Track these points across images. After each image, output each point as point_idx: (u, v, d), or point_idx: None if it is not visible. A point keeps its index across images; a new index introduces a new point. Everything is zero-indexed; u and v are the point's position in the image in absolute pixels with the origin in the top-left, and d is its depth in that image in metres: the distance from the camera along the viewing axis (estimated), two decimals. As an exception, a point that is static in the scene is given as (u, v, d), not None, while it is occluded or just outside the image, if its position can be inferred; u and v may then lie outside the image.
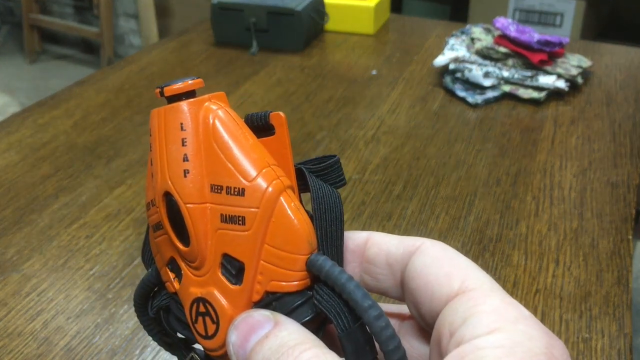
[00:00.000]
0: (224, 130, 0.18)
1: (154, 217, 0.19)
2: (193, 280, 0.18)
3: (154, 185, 0.18)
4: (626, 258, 0.49)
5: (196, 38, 0.94)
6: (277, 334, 0.16)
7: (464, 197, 0.57)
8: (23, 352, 0.41)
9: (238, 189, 0.17)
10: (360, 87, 0.78)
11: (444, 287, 0.16)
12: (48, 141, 0.66)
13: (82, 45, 2.52)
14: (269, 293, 0.17)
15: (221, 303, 0.17)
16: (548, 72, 0.75)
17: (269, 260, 0.17)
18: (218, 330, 0.17)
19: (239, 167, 0.17)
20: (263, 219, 0.17)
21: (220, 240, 0.17)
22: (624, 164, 0.62)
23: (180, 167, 0.17)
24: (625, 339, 0.42)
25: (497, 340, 0.14)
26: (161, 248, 0.19)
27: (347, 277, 0.16)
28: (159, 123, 0.18)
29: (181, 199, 0.17)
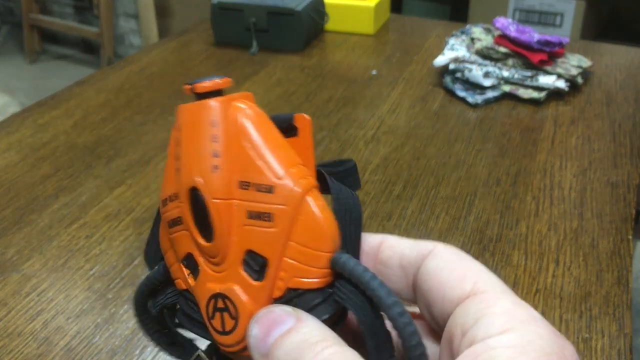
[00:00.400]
0: (253, 129, 0.18)
1: (173, 212, 0.19)
2: (211, 276, 0.18)
3: (179, 179, 0.18)
4: (626, 258, 0.49)
5: (196, 38, 0.94)
6: (299, 330, 0.16)
7: (464, 197, 0.57)
8: (23, 352, 0.41)
9: (267, 186, 0.17)
10: (360, 87, 0.78)
11: (456, 289, 0.17)
12: (48, 141, 0.66)
13: (82, 45, 2.52)
14: (290, 289, 0.17)
15: (241, 299, 0.17)
16: (548, 72, 0.75)
17: (293, 257, 0.17)
18: (237, 326, 0.17)
19: (269, 165, 0.17)
20: (290, 216, 0.17)
21: (245, 237, 0.17)
22: (624, 164, 0.62)
23: (209, 162, 0.18)
24: (625, 339, 0.42)
25: (510, 340, 0.14)
26: (176, 244, 0.19)
27: (372, 275, 0.17)
28: (188, 119, 0.18)
29: (209, 194, 0.17)
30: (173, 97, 0.76)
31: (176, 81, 0.80)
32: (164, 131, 0.68)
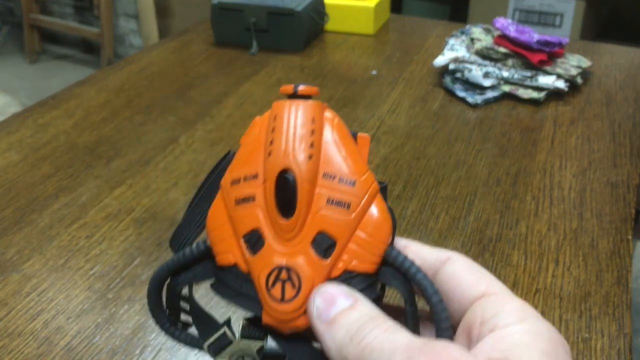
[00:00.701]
0: (341, 133, 0.22)
1: (245, 191, 0.21)
2: (278, 250, 0.20)
3: (271, 161, 0.21)
4: (626, 258, 0.49)
5: (196, 38, 0.94)
6: (358, 308, 0.19)
7: (464, 197, 0.57)
8: (23, 352, 0.41)
9: (351, 180, 0.21)
10: (360, 87, 0.78)
11: (472, 289, 0.21)
12: (48, 141, 0.66)
13: (83, 45, 2.52)
14: (347, 271, 0.20)
15: (307, 272, 0.20)
16: (548, 73, 0.75)
17: (357, 243, 0.20)
18: (297, 295, 0.20)
19: (354, 164, 0.21)
20: (365, 209, 0.20)
21: (320, 219, 0.20)
22: (624, 164, 0.62)
23: (307, 152, 0.21)
24: (625, 339, 0.42)
25: (525, 328, 0.18)
26: (240, 220, 0.21)
27: (417, 268, 0.20)
28: (290, 112, 0.21)
29: (300, 178, 0.20)
30: (173, 97, 0.76)
31: (176, 81, 0.80)
32: (164, 131, 0.68)
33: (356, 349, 0.18)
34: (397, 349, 0.18)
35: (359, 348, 0.18)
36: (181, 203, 0.56)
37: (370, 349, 0.18)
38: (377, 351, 0.18)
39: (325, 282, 0.20)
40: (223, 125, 0.69)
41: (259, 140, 0.21)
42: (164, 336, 0.42)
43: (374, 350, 0.18)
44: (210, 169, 0.23)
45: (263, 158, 0.21)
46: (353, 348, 0.18)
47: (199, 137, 0.67)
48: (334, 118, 0.22)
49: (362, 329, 0.19)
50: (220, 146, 0.65)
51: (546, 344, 0.18)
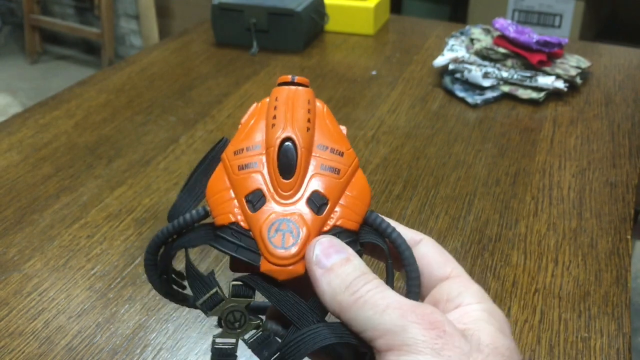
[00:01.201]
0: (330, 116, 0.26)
1: (247, 159, 0.24)
2: (278, 207, 0.23)
3: (274, 132, 0.24)
4: (625, 258, 0.49)
5: (197, 38, 0.95)
6: (354, 261, 0.22)
7: (464, 197, 0.57)
8: (24, 352, 0.41)
9: (340, 151, 0.25)
10: (360, 87, 0.79)
11: (440, 270, 0.24)
12: (49, 141, 0.66)
13: (83, 45, 2.53)
14: (335, 227, 0.23)
15: (305, 224, 0.23)
16: (547, 73, 0.75)
17: (345, 203, 0.24)
18: (296, 243, 0.23)
19: (342, 140, 0.25)
20: (351, 175, 0.24)
21: (315, 181, 0.24)
22: (623, 164, 0.62)
23: (305, 125, 0.24)
24: (624, 338, 0.42)
25: (483, 307, 0.22)
26: (242, 183, 0.24)
27: (393, 228, 0.24)
28: (288, 95, 0.25)
29: (300, 144, 0.24)
30: (173, 98, 0.76)
31: (177, 81, 0.80)
32: (164, 131, 0.69)
33: (350, 298, 0.21)
34: (389, 305, 0.20)
35: (352, 298, 0.21)
36: (181, 203, 0.56)
37: (363, 301, 0.21)
38: (370, 304, 0.21)
39: (320, 234, 0.23)
40: (223, 126, 0.70)
41: (259, 119, 0.25)
42: (164, 335, 0.42)
43: (367, 302, 0.21)
44: (205, 154, 0.26)
45: (265, 131, 0.24)
46: (347, 297, 0.21)
47: (200, 137, 0.67)
48: (324, 105, 0.26)
49: (357, 282, 0.21)
50: (220, 146, 0.65)
51: (500, 322, 0.22)
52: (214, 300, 0.23)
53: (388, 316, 0.20)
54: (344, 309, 0.21)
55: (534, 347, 0.42)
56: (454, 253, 0.50)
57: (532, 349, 0.41)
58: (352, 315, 0.21)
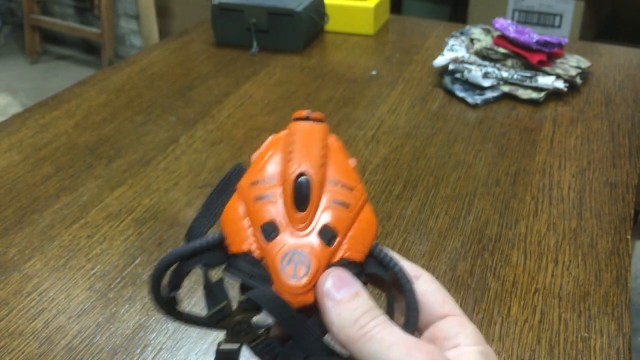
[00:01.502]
0: (343, 152, 0.28)
1: (264, 191, 0.25)
2: (291, 238, 0.24)
3: (290, 167, 0.25)
4: (625, 258, 0.49)
5: (197, 38, 0.95)
6: (362, 296, 0.23)
7: (464, 197, 0.57)
8: (24, 352, 0.41)
9: (350, 187, 0.26)
10: (360, 87, 0.79)
11: (439, 308, 0.25)
12: (49, 141, 0.66)
13: (83, 45, 2.53)
14: (343, 259, 0.24)
15: (316, 256, 0.24)
16: (547, 73, 0.75)
17: (353, 236, 0.25)
18: (307, 274, 0.24)
19: (352, 175, 0.27)
20: (359, 209, 0.25)
21: (326, 215, 0.25)
22: (623, 164, 0.62)
23: (319, 160, 0.26)
24: (624, 338, 0.42)
25: (479, 350, 0.24)
26: (258, 214, 0.25)
27: (396, 261, 0.25)
28: (305, 131, 0.27)
29: (314, 179, 0.25)
30: (173, 98, 0.76)
31: (177, 82, 0.81)
32: (164, 131, 0.69)
33: (358, 332, 0.22)
34: (395, 342, 0.22)
35: (360, 332, 0.22)
36: (182, 203, 0.56)
37: (370, 336, 0.22)
38: (376, 339, 0.22)
39: (330, 266, 0.24)
40: (223, 126, 0.70)
41: (275, 152, 0.27)
42: (164, 335, 0.43)
43: (373, 337, 0.22)
44: (220, 179, 0.28)
45: (281, 165, 0.26)
46: (355, 330, 0.22)
47: (200, 137, 0.67)
48: (338, 141, 0.28)
49: (365, 316, 0.23)
50: (220, 146, 0.65)
51: None
52: (223, 313, 0.25)
53: (393, 352, 0.21)
54: (350, 342, 0.22)
55: (534, 347, 0.42)
56: (454, 253, 0.50)
57: (532, 349, 0.42)
58: (358, 348, 0.22)
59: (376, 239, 0.26)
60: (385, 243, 0.51)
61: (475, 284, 0.47)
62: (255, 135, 0.66)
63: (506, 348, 0.42)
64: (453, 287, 0.46)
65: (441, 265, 0.49)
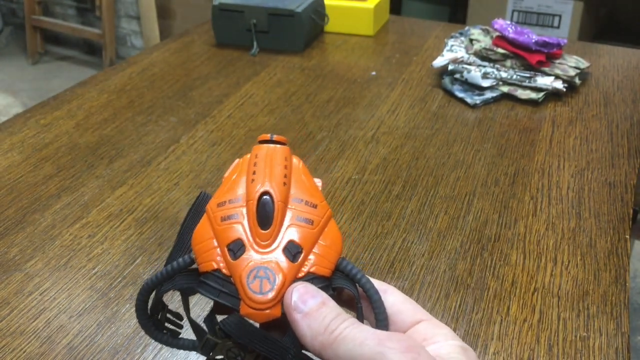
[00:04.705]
0: (305, 172, 0.28)
1: (230, 211, 0.26)
2: (256, 255, 0.25)
3: (254, 186, 0.26)
4: (623, 257, 0.50)
5: (197, 39, 0.95)
6: (328, 304, 0.24)
7: (463, 197, 0.57)
8: (25, 351, 0.42)
9: (314, 204, 0.27)
10: (360, 87, 0.79)
11: (411, 315, 0.26)
12: (50, 141, 0.67)
13: (84, 46, 2.53)
14: (310, 273, 0.25)
15: (280, 271, 0.24)
16: (546, 73, 0.76)
17: (319, 251, 0.26)
18: (273, 288, 0.24)
19: (316, 193, 0.27)
20: (324, 225, 0.26)
21: (290, 231, 0.26)
22: (622, 164, 0.62)
23: (281, 180, 0.27)
24: (623, 337, 0.43)
25: (457, 344, 0.24)
26: (224, 234, 0.26)
27: (362, 274, 0.26)
28: (268, 152, 0.28)
29: (277, 198, 0.26)
30: (174, 98, 0.77)
31: (177, 82, 0.81)
32: (165, 132, 0.69)
33: (329, 337, 0.23)
34: (366, 337, 0.22)
35: (332, 336, 0.23)
36: (182, 203, 0.56)
37: (342, 337, 0.23)
38: (348, 338, 0.22)
39: (296, 281, 0.25)
40: (224, 126, 0.70)
41: (240, 174, 0.27)
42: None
43: (345, 337, 0.22)
44: (189, 209, 0.29)
45: (245, 185, 0.27)
46: (327, 336, 0.23)
47: (200, 137, 0.67)
48: (300, 161, 0.29)
49: (334, 322, 0.23)
50: (221, 146, 0.66)
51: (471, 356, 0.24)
52: (209, 344, 0.26)
53: (366, 347, 0.22)
54: (325, 348, 0.23)
55: (533, 347, 0.42)
56: (454, 253, 0.50)
57: (531, 348, 0.42)
58: (332, 351, 0.23)
59: (342, 254, 0.26)
60: (385, 243, 0.51)
61: (475, 283, 0.47)
62: (256, 135, 0.67)
63: (505, 347, 0.42)
64: (452, 286, 0.47)
65: (441, 264, 0.49)
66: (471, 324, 0.44)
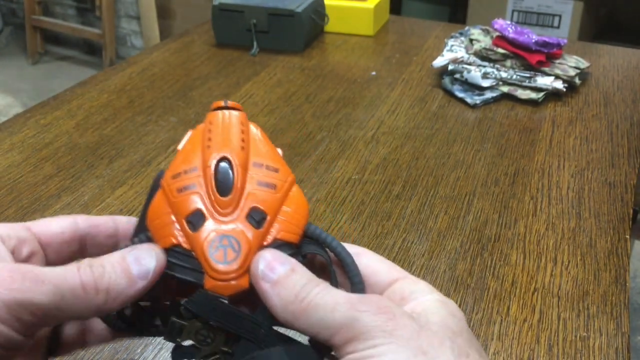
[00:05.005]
0: (264, 136, 0.27)
1: (187, 181, 0.25)
2: (218, 224, 0.24)
3: (210, 153, 0.25)
4: (623, 257, 0.50)
5: (197, 39, 0.95)
6: (298, 270, 0.23)
7: (463, 196, 0.57)
8: (26, 350, 0.42)
9: (275, 168, 0.25)
10: (360, 87, 0.79)
11: (387, 275, 0.25)
12: (50, 141, 0.67)
13: (84, 46, 2.53)
14: (276, 240, 0.24)
15: (245, 238, 0.23)
16: (546, 73, 0.76)
17: (284, 217, 0.24)
18: (238, 257, 0.23)
19: (276, 156, 0.26)
20: (287, 189, 0.25)
21: (252, 197, 0.24)
22: (622, 164, 0.62)
23: (239, 144, 0.25)
24: (623, 337, 0.43)
25: (435, 298, 0.24)
26: (182, 205, 0.24)
27: (332, 237, 0.25)
28: (222, 119, 0.26)
29: (235, 163, 0.25)
30: (174, 98, 0.77)
31: (177, 82, 0.81)
32: (165, 131, 0.69)
33: (301, 305, 0.22)
34: (338, 302, 0.21)
35: (303, 304, 0.22)
36: (182, 203, 0.56)
37: (314, 304, 0.22)
38: (320, 306, 0.21)
39: (262, 248, 0.24)
40: (224, 126, 0.70)
41: (195, 143, 0.26)
42: (165, 334, 0.43)
43: (317, 305, 0.22)
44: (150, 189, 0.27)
45: (201, 153, 0.25)
46: (297, 305, 0.22)
47: (200, 137, 0.67)
48: (258, 128, 0.27)
49: (305, 289, 0.22)
50: (221, 146, 0.66)
51: (451, 309, 0.23)
52: (175, 328, 0.24)
53: (338, 312, 0.21)
54: (296, 317, 0.22)
55: (533, 347, 0.42)
56: (454, 253, 0.50)
57: (531, 348, 0.42)
58: (304, 320, 0.22)
59: (308, 219, 0.25)
60: (385, 243, 0.51)
61: (475, 283, 0.47)
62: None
63: (505, 347, 0.42)
64: (452, 286, 0.47)
65: (440, 264, 0.49)
66: (471, 324, 0.44)
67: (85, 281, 0.21)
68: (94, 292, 0.21)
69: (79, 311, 0.21)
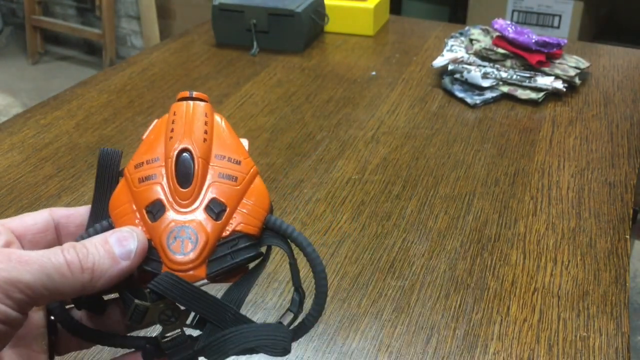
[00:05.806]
0: (229, 128, 0.27)
1: (148, 172, 0.25)
2: (178, 215, 0.24)
3: (172, 144, 0.25)
4: (624, 257, 0.50)
5: (197, 39, 0.95)
6: None
7: (463, 196, 0.57)
8: (26, 350, 0.41)
9: (237, 160, 0.26)
10: (360, 87, 0.79)
11: None
12: (50, 141, 0.67)
13: (85, 46, 2.53)
14: (235, 232, 0.24)
15: (204, 230, 0.24)
16: (546, 73, 0.76)
17: (244, 209, 0.25)
18: (195, 248, 0.24)
19: (239, 149, 0.26)
20: (249, 182, 0.25)
21: (212, 189, 0.25)
22: (622, 164, 0.62)
23: (201, 136, 0.25)
24: (623, 337, 0.43)
25: None
26: (143, 195, 0.25)
27: (293, 228, 0.25)
28: (186, 109, 0.27)
29: (197, 154, 0.25)
30: (174, 98, 0.76)
31: (177, 82, 0.81)
32: (165, 132, 0.69)
33: None
34: None
35: None
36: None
37: None
38: None
39: (222, 240, 0.24)
40: (224, 126, 0.70)
41: (158, 133, 0.26)
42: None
43: None
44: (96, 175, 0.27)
45: (164, 144, 0.26)
46: None
47: (200, 137, 0.67)
48: (223, 119, 0.27)
49: None
50: (221, 146, 0.66)
51: None
52: (139, 311, 0.24)
53: None
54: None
55: (533, 346, 0.42)
56: (454, 252, 0.50)
57: (531, 348, 0.42)
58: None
59: (270, 210, 0.25)
60: (385, 243, 0.51)
61: (475, 283, 0.47)
62: (256, 135, 0.67)
63: (505, 347, 0.42)
64: (452, 286, 0.47)
65: (441, 264, 0.49)
66: (471, 324, 0.44)
67: (70, 260, 0.22)
68: (79, 271, 0.22)
69: (66, 290, 0.22)
